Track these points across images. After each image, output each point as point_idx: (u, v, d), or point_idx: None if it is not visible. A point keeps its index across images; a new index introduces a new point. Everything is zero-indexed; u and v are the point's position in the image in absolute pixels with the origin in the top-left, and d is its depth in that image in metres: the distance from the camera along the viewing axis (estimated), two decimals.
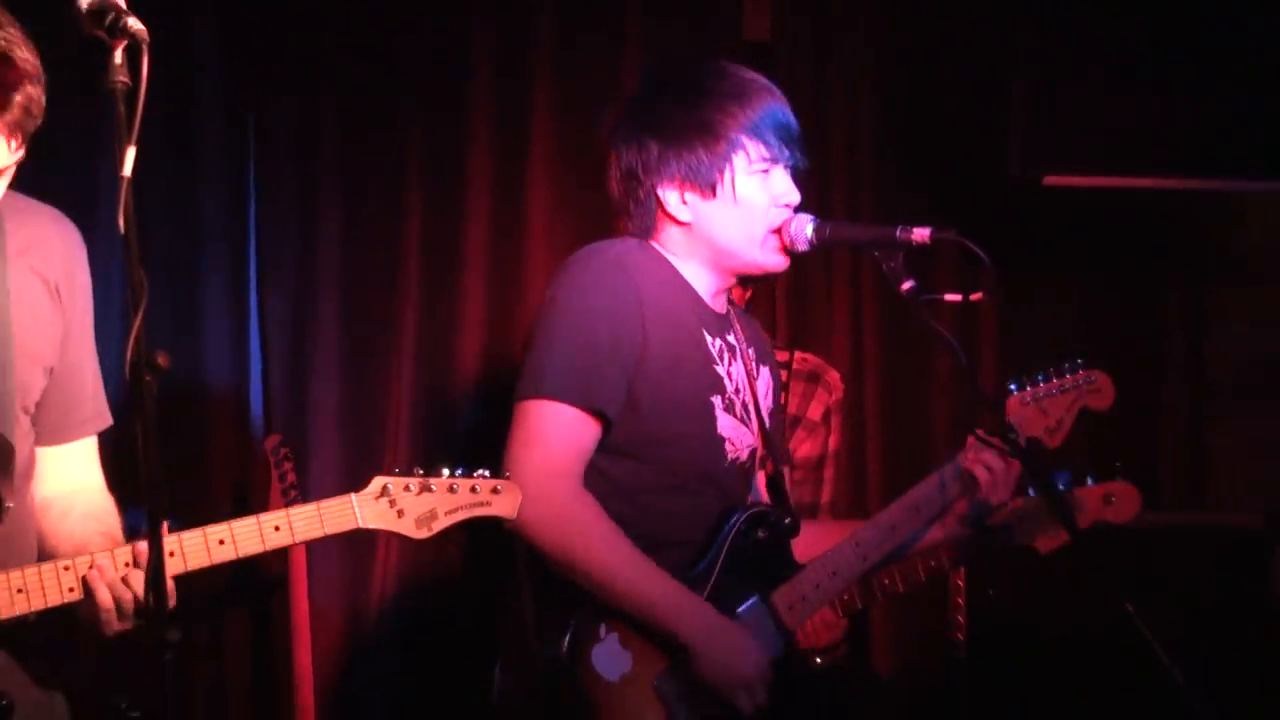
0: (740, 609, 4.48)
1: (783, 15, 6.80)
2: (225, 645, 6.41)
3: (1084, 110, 6.29)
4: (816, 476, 5.83)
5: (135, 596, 3.57)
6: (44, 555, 3.80)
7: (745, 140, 4.47)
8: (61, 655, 3.86)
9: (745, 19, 6.78)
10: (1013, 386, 4.71)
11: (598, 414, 4.34)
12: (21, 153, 3.53)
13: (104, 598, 3.57)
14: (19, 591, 3.59)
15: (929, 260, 4.70)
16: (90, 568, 3.58)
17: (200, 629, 6.22)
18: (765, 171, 4.48)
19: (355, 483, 5.75)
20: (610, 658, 4.30)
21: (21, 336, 3.72)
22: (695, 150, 4.44)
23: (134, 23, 3.27)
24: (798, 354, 5.98)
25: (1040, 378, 4.71)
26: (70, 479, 3.91)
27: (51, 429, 3.84)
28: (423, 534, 3.78)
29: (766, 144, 4.48)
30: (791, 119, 4.54)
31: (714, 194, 4.46)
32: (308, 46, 6.59)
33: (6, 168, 3.56)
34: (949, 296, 4.66)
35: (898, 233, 4.44)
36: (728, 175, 4.45)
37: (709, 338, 4.55)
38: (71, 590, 3.59)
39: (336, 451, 6.50)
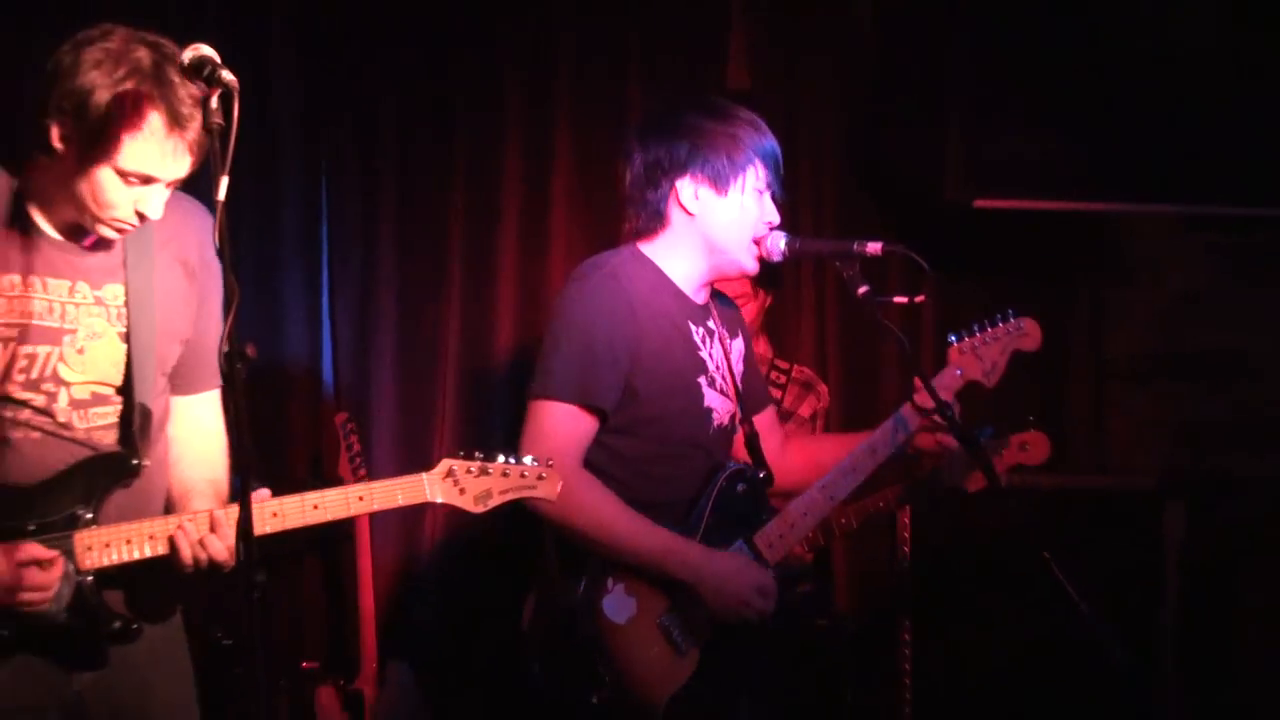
0: (728, 550, 4.47)
1: (759, 67, 6.75)
2: (303, 587, 6.41)
3: (1007, 147, 6.29)
4: None
5: (210, 557, 3.62)
6: None
7: (758, 161, 4.49)
8: (182, 592, 3.90)
9: (728, 70, 6.73)
10: (952, 338, 4.72)
11: (593, 409, 4.35)
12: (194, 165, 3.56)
13: (185, 555, 3.62)
14: (128, 543, 3.63)
15: (880, 269, 4.66)
16: (177, 529, 3.61)
17: (283, 573, 6.20)
18: (761, 192, 4.50)
19: (410, 452, 5.74)
20: (618, 605, 4.33)
21: (162, 317, 3.76)
22: (720, 155, 4.45)
23: (226, 74, 3.29)
24: (796, 366, 5.96)
25: (976, 328, 4.70)
26: (193, 423, 3.94)
27: (184, 383, 3.87)
28: (479, 509, 3.87)
29: (769, 171, 4.51)
30: (781, 161, 4.58)
31: (725, 193, 4.46)
32: (369, 96, 6.58)
33: (182, 178, 3.60)
34: (897, 299, 4.68)
35: (854, 246, 4.48)
36: (739, 181, 4.45)
37: (693, 327, 4.57)
38: (161, 546, 3.65)
39: (394, 426, 6.48)
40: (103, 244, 3.73)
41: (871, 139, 6.80)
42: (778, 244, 4.54)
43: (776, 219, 4.56)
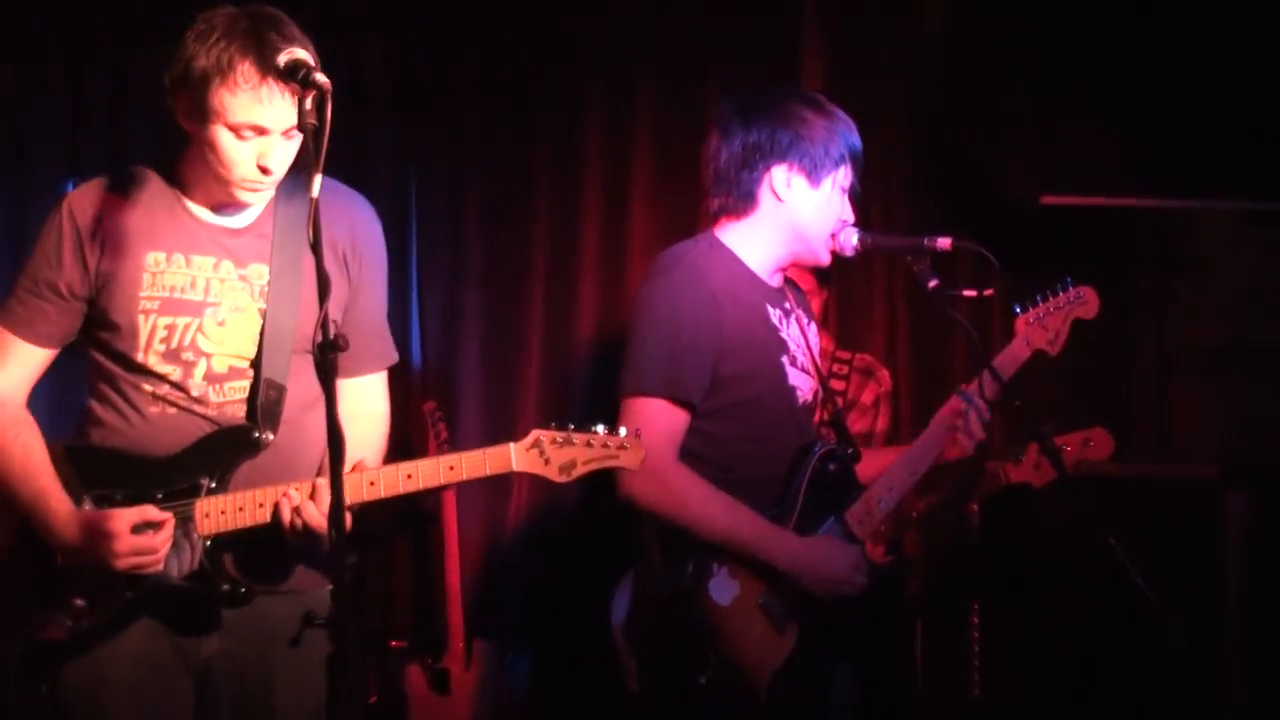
0: (820, 529, 4.48)
1: (832, 73, 6.77)
2: (393, 567, 6.45)
3: (1070, 145, 6.28)
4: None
5: (305, 524, 3.67)
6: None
7: (848, 161, 4.50)
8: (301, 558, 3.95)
9: (803, 75, 6.74)
10: (1017, 309, 4.74)
11: (683, 402, 4.33)
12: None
13: (285, 519, 3.68)
14: (240, 510, 3.73)
15: (950, 263, 4.64)
16: (281, 495, 3.68)
17: (373, 555, 6.23)
18: (844, 190, 4.52)
19: (495, 439, 5.75)
20: (722, 587, 4.32)
21: (309, 296, 3.69)
22: (819, 147, 4.45)
23: (320, 77, 3.36)
24: (857, 355, 5.92)
25: (1039, 298, 4.73)
26: (352, 404, 3.97)
27: (342, 365, 3.75)
28: (563, 479, 3.79)
29: (854, 172, 4.53)
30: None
31: (818, 185, 4.46)
32: (456, 100, 6.67)
33: (292, 131, 3.67)
34: (966, 292, 4.66)
35: (925, 241, 4.50)
36: (831, 177, 4.47)
37: (771, 310, 4.55)
38: (267, 514, 3.73)
39: (479, 413, 6.54)
40: (252, 226, 3.87)
41: (940, 138, 6.76)
42: (850, 239, 4.54)
43: (851, 217, 4.57)
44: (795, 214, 4.48)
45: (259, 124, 3.65)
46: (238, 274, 3.84)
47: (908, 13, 6.79)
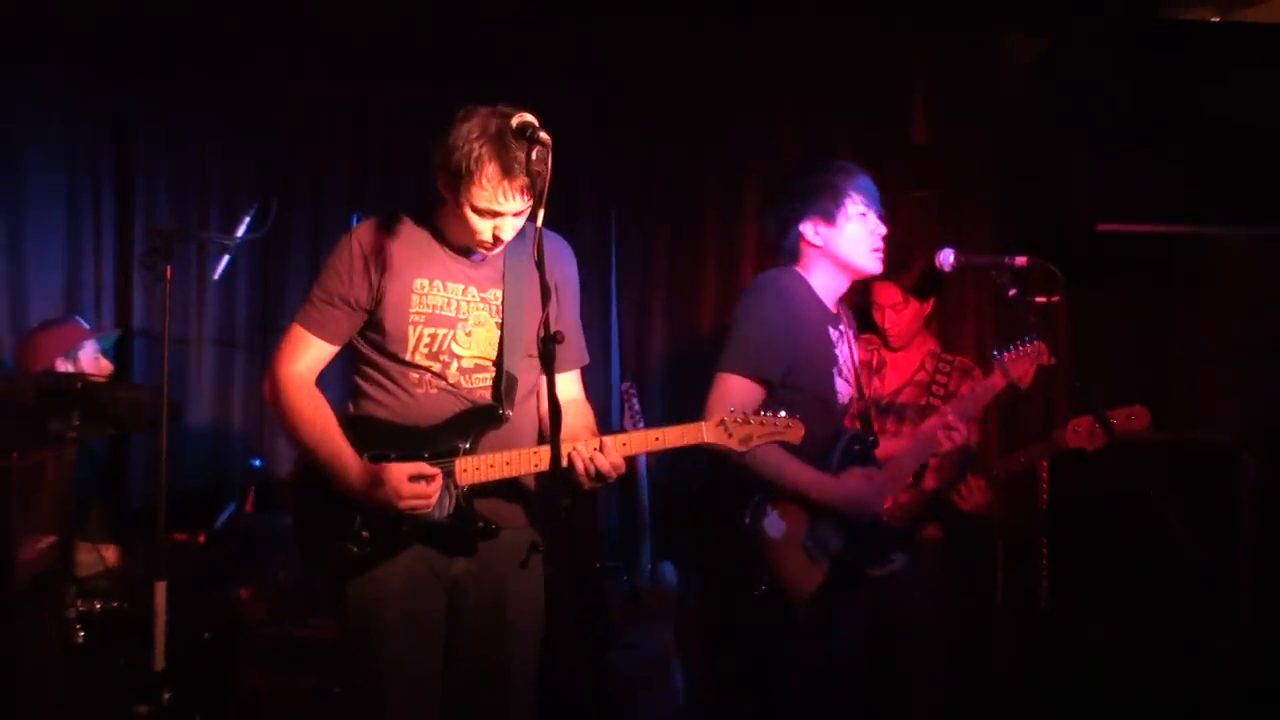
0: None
1: (936, 127, 6.77)
2: (597, 507, 6.52)
3: (1122, 182, 6.19)
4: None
5: (599, 468, 3.80)
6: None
7: (853, 192, 4.59)
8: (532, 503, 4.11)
9: (914, 129, 6.77)
10: (995, 352, 4.83)
11: (763, 381, 4.46)
12: (530, 203, 3.72)
13: (580, 468, 3.80)
14: (491, 466, 3.86)
15: (1025, 277, 4.63)
16: (573, 449, 3.80)
17: (583, 497, 6.25)
18: (864, 214, 4.59)
19: (675, 410, 5.80)
20: (774, 525, 4.45)
21: (530, 313, 3.95)
22: (822, 197, 4.58)
23: (543, 135, 3.56)
24: (957, 357, 5.85)
25: (1012, 345, 4.80)
26: (566, 391, 4.08)
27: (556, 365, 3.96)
28: (743, 448, 4.00)
29: (864, 196, 4.60)
30: (874, 189, 4.64)
31: (835, 223, 4.58)
32: (647, 165, 6.74)
33: (522, 211, 3.81)
34: (1038, 299, 4.62)
35: (1005, 259, 4.54)
36: (843, 211, 4.58)
37: (830, 329, 4.65)
38: (540, 465, 3.86)
39: (664, 390, 6.63)
40: (487, 260, 4.00)
41: (1019, 178, 6.74)
42: (948, 258, 4.61)
43: (883, 230, 4.63)
44: (832, 249, 4.60)
45: (496, 210, 3.79)
46: (480, 296, 4.00)
47: (992, 82, 6.77)
